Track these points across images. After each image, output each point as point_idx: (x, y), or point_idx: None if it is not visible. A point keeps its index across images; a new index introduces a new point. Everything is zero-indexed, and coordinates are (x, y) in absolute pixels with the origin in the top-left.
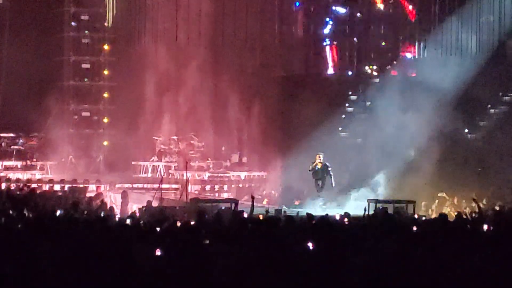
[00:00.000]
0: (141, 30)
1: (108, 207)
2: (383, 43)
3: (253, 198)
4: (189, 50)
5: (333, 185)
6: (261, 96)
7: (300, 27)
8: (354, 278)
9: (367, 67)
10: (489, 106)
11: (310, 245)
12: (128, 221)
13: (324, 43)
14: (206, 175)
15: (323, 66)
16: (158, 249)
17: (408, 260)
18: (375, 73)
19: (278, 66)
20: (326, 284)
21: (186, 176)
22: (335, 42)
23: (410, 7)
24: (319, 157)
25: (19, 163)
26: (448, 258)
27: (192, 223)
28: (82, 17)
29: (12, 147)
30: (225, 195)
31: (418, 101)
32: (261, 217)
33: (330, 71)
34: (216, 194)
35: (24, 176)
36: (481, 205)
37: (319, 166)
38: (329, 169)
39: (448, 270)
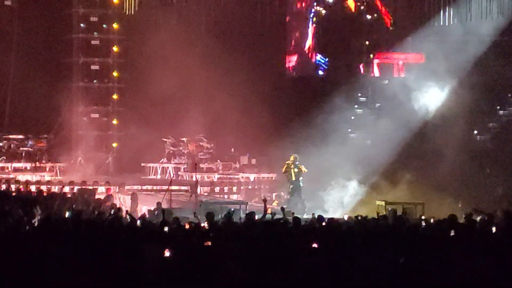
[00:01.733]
0: (151, 31)
1: (117, 209)
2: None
3: (265, 200)
4: (198, 52)
5: (301, 184)
6: (271, 98)
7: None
8: (362, 279)
9: None
10: (498, 107)
11: (315, 245)
12: (138, 222)
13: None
14: (215, 177)
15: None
16: (166, 250)
17: (415, 261)
18: None
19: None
20: (334, 285)
21: (196, 177)
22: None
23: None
24: (295, 158)
25: (28, 165)
26: (456, 260)
27: (202, 224)
28: (91, 19)
29: (21, 148)
30: (234, 197)
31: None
32: (269, 210)
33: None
34: (226, 196)
35: (33, 177)
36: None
37: (292, 167)
38: (302, 171)
39: (455, 272)
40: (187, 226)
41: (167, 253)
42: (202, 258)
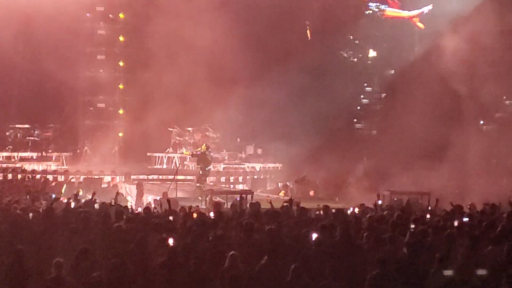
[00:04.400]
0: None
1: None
2: None
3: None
4: (204, 42)
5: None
6: (277, 88)
7: None
8: (368, 268)
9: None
10: (504, 97)
11: (315, 235)
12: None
13: None
14: (221, 167)
15: None
16: (170, 238)
17: (422, 251)
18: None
19: (295, 56)
20: (339, 274)
21: None
22: None
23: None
24: (207, 146)
25: (34, 154)
26: (463, 249)
27: (208, 214)
28: (98, 8)
29: (27, 138)
30: (240, 187)
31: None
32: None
33: None
34: (231, 186)
35: (39, 167)
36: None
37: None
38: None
39: (463, 261)
40: (194, 216)
41: (170, 242)
42: (207, 247)
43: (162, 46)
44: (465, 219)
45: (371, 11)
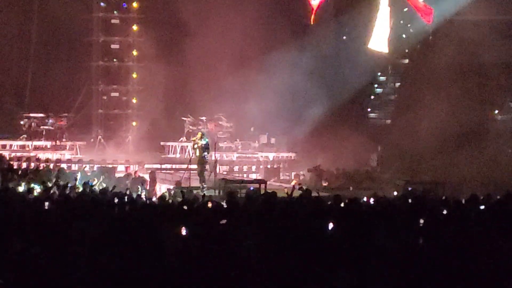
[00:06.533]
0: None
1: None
2: None
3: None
4: (218, 30)
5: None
6: (291, 76)
7: None
8: (380, 260)
9: None
10: None
11: (331, 225)
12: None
13: None
14: (234, 156)
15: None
16: (183, 228)
17: (436, 241)
18: None
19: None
20: (352, 265)
21: (215, 156)
22: None
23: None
24: (202, 134)
25: (48, 143)
26: (478, 240)
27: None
28: None
29: (41, 127)
30: (253, 176)
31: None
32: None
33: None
34: (245, 175)
35: (53, 156)
36: None
37: (198, 144)
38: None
39: (477, 253)
40: (209, 205)
41: (183, 232)
42: (220, 237)
43: (176, 35)
44: (482, 207)
45: None
